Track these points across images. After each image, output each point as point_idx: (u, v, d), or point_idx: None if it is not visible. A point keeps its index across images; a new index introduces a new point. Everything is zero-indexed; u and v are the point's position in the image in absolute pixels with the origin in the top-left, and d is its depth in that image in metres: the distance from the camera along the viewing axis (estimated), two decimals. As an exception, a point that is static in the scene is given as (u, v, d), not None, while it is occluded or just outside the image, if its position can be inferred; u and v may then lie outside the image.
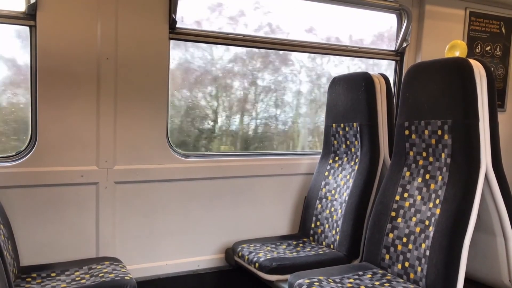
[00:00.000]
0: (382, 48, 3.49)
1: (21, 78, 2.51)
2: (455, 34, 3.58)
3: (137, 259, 2.69)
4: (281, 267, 2.43)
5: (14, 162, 2.41)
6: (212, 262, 2.91)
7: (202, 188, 2.85)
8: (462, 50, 2.33)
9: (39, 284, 2.11)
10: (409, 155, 2.44)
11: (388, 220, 2.40)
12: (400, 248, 2.30)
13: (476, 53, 3.70)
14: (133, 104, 2.61)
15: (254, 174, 3.00)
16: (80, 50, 2.47)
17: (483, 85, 2.16)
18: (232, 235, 2.94)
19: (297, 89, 3.32)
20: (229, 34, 2.91)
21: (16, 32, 2.47)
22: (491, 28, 3.73)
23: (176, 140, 2.91)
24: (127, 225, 2.66)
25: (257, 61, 3.14)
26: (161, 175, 2.72)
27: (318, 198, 2.96)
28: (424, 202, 2.26)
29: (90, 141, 2.54)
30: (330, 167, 2.99)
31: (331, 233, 2.79)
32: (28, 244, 2.43)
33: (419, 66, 2.45)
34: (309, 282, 2.12)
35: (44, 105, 2.43)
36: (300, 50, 3.19)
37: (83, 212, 2.56)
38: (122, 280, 2.09)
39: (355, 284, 2.18)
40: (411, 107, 2.43)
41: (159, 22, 2.63)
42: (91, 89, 2.51)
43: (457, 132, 2.17)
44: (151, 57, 2.64)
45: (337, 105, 2.98)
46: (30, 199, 2.44)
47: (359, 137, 2.79)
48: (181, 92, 2.93)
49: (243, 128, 3.22)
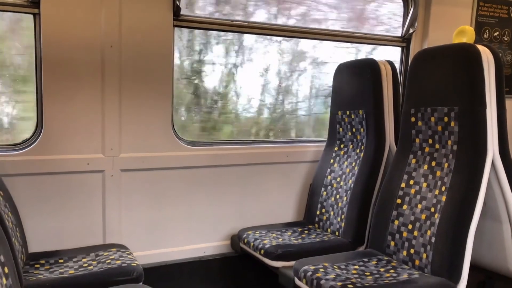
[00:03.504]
0: (388, 34, 3.45)
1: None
2: (462, 19, 3.53)
3: (144, 246, 2.71)
4: (287, 253, 2.44)
5: (20, 150, 2.43)
6: (218, 248, 2.93)
7: (207, 176, 2.86)
8: (469, 36, 2.29)
9: (48, 270, 2.14)
10: (415, 142, 2.43)
11: (394, 207, 2.39)
12: (405, 235, 2.30)
13: (484, 38, 3.65)
14: (137, 92, 2.61)
15: (259, 162, 3.00)
16: (84, 37, 2.46)
17: (491, 71, 2.14)
18: (238, 222, 2.95)
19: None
20: (234, 21, 2.89)
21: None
22: (499, 13, 3.67)
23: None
24: (133, 212, 2.68)
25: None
26: (167, 163, 2.73)
27: (323, 185, 2.96)
28: (430, 189, 2.26)
29: (95, 129, 2.54)
30: (336, 154, 2.99)
31: (336, 220, 2.79)
32: (36, 231, 2.45)
33: (426, 52, 2.42)
34: (314, 268, 2.13)
35: (49, 93, 2.43)
36: (306, 37, 3.16)
37: (89, 199, 2.58)
38: (129, 267, 2.11)
39: (360, 271, 2.19)
40: (417, 94, 2.41)
41: (163, 9, 2.61)
42: (96, 77, 2.51)
43: (464, 119, 2.15)
44: (156, 44, 2.63)
45: (342, 92, 2.96)
46: (37, 187, 2.46)
47: (364, 124, 2.78)
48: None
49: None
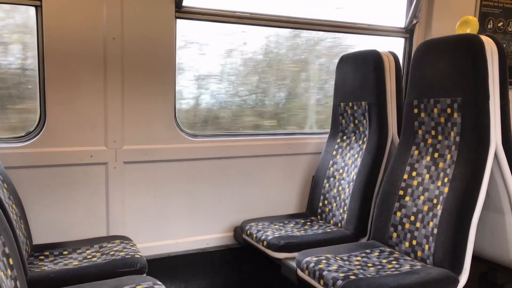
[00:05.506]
0: (391, 25, 3.43)
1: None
2: (466, 10, 3.50)
3: (147, 238, 2.73)
4: (289, 245, 2.45)
5: (24, 143, 2.44)
6: (221, 240, 2.95)
7: (210, 168, 2.86)
8: (473, 27, 2.28)
9: (52, 262, 2.15)
10: (417, 134, 2.42)
11: (396, 199, 2.40)
12: (407, 226, 2.30)
13: (488, 29, 3.62)
14: (140, 84, 2.61)
15: (262, 154, 3.00)
16: (87, 30, 2.46)
17: (494, 62, 2.12)
18: (241, 214, 2.96)
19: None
20: (236, 12, 2.88)
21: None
22: (504, 3, 3.64)
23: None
24: (137, 204, 2.70)
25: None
26: (170, 155, 2.73)
27: (326, 177, 2.96)
28: (433, 181, 2.25)
29: (98, 121, 2.55)
30: (338, 146, 2.98)
31: (338, 212, 2.80)
32: (40, 223, 2.47)
33: (429, 43, 2.41)
34: (316, 259, 2.14)
35: (52, 85, 2.43)
36: (309, 28, 3.15)
37: (93, 191, 2.59)
38: (133, 258, 2.13)
39: (362, 262, 2.19)
40: (420, 85, 2.40)
41: (165, 1, 2.60)
42: (98, 69, 2.51)
43: (467, 110, 2.15)
44: (158, 36, 2.62)
45: (345, 83, 2.95)
46: (41, 179, 2.47)
47: (367, 116, 2.77)
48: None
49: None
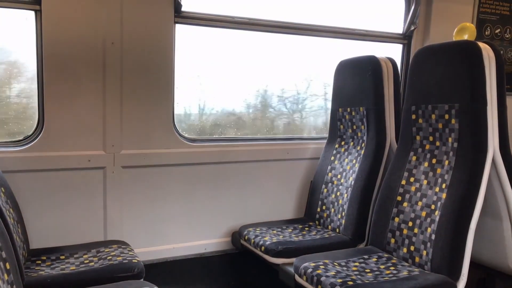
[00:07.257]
0: (389, 31, 3.45)
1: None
2: (464, 16, 3.52)
3: (145, 243, 2.72)
4: (287, 250, 2.45)
5: (22, 147, 2.43)
6: (218, 245, 2.94)
7: (208, 173, 2.86)
8: (471, 33, 2.29)
9: (49, 267, 2.14)
10: (415, 140, 2.43)
11: (394, 204, 2.40)
12: (405, 232, 2.30)
13: (486, 36, 3.64)
14: (139, 89, 2.61)
15: (260, 159, 3.00)
16: (86, 34, 2.46)
17: (492, 68, 2.13)
18: (239, 219, 2.96)
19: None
20: (235, 17, 2.89)
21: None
22: (501, 10, 3.66)
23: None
24: (135, 209, 2.69)
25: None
26: (168, 160, 2.73)
27: (324, 182, 2.97)
28: (430, 187, 2.26)
29: (96, 125, 2.54)
30: (336, 151, 2.99)
31: (336, 217, 2.80)
32: (37, 227, 2.46)
33: (427, 49, 2.42)
34: (314, 265, 2.14)
35: (51, 89, 2.43)
36: (307, 34, 3.16)
37: (91, 196, 2.58)
38: (130, 263, 2.12)
39: (360, 268, 2.19)
40: (418, 91, 2.41)
41: (164, 6, 2.61)
42: (97, 73, 2.51)
43: (465, 116, 2.15)
44: (157, 41, 2.63)
45: (343, 89, 2.95)
46: (39, 183, 2.46)
47: (365, 122, 2.78)
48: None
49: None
